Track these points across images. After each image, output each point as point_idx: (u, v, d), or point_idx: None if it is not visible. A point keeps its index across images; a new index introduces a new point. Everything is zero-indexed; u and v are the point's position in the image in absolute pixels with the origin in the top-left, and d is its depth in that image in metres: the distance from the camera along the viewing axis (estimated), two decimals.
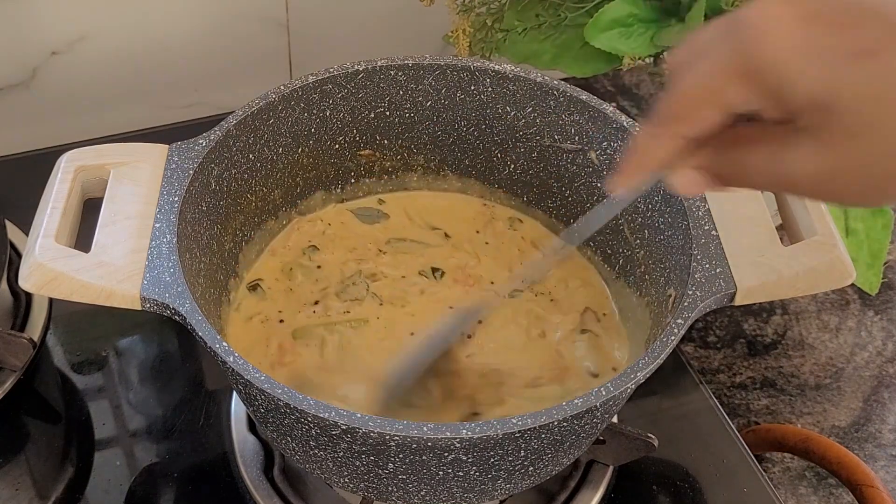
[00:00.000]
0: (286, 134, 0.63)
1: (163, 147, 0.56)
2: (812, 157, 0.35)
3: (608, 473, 0.64)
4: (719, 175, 0.39)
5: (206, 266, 0.57)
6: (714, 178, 0.40)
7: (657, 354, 0.48)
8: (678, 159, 0.39)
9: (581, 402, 0.46)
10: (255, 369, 0.46)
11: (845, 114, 0.33)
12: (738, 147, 0.38)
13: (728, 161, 0.39)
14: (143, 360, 0.71)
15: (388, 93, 0.64)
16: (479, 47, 0.78)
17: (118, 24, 0.85)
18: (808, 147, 0.35)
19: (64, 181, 0.53)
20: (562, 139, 0.64)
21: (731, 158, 0.38)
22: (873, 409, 0.77)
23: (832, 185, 0.35)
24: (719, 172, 0.39)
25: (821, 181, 0.35)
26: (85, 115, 0.89)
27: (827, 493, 0.72)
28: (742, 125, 0.38)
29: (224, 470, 0.64)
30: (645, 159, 0.40)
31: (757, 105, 0.35)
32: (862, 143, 0.34)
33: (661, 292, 0.57)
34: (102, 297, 0.49)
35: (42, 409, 0.68)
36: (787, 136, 0.36)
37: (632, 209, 0.61)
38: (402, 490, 0.52)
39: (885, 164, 0.34)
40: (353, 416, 0.44)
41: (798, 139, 0.35)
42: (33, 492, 0.63)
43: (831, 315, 0.84)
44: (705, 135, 0.38)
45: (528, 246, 0.68)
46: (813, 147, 0.35)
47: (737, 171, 0.39)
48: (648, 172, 0.41)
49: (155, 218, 0.53)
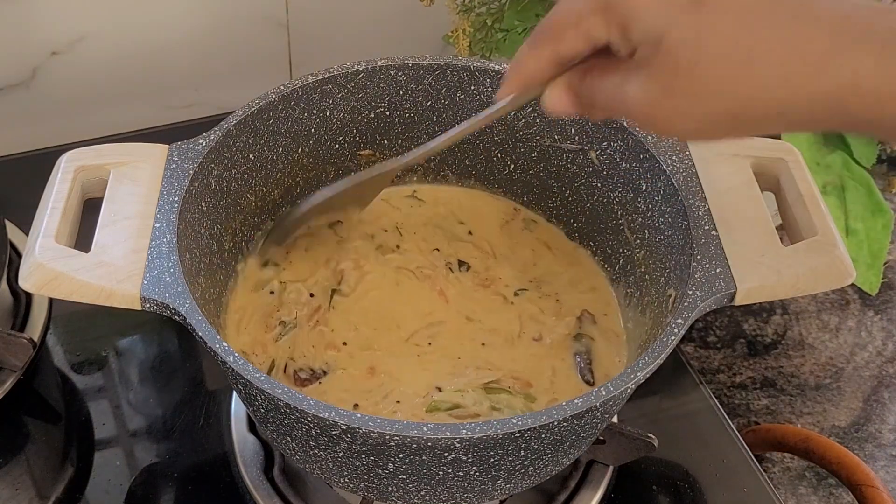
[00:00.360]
0: (286, 134, 0.63)
1: (163, 147, 0.56)
2: (642, 86, 0.41)
3: (608, 473, 0.64)
4: (579, 98, 0.45)
5: (206, 266, 0.57)
6: (577, 101, 0.45)
7: (657, 354, 0.48)
8: (549, 77, 0.45)
9: (581, 402, 0.46)
10: (255, 369, 0.46)
11: (671, 51, 0.39)
12: (595, 74, 0.44)
13: (586, 86, 0.44)
14: (143, 360, 0.71)
15: (388, 93, 0.64)
16: (479, 47, 0.78)
17: (118, 24, 0.85)
18: (641, 78, 0.41)
19: (64, 181, 0.53)
20: (562, 139, 0.64)
21: (589, 84, 0.44)
22: (873, 409, 0.77)
23: (655, 115, 0.41)
24: (579, 95, 0.45)
25: (647, 109, 0.41)
26: (85, 115, 0.89)
27: (827, 493, 0.72)
28: (601, 58, 0.43)
29: (224, 470, 0.64)
30: (523, 71, 0.46)
31: (608, 36, 0.42)
32: (681, 80, 0.39)
33: (661, 292, 0.57)
34: (102, 297, 0.49)
35: (42, 409, 0.68)
36: (630, 68, 0.41)
37: (632, 209, 0.61)
38: (401, 490, 0.52)
39: (699, 104, 0.39)
40: (352, 416, 0.44)
41: (637, 70, 0.41)
42: (33, 492, 0.63)
43: (831, 315, 0.84)
44: (571, 58, 0.44)
45: (542, 247, 0.68)
46: (644, 78, 0.40)
47: (591, 96, 0.44)
48: (525, 84, 0.46)
49: (155, 218, 0.53)
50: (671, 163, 0.57)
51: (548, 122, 0.64)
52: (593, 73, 0.44)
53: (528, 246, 0.68)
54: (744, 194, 0.55)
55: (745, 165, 0.57)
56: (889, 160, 0.78)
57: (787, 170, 0.56)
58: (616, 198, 0.62)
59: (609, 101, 0.43)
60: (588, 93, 0.44)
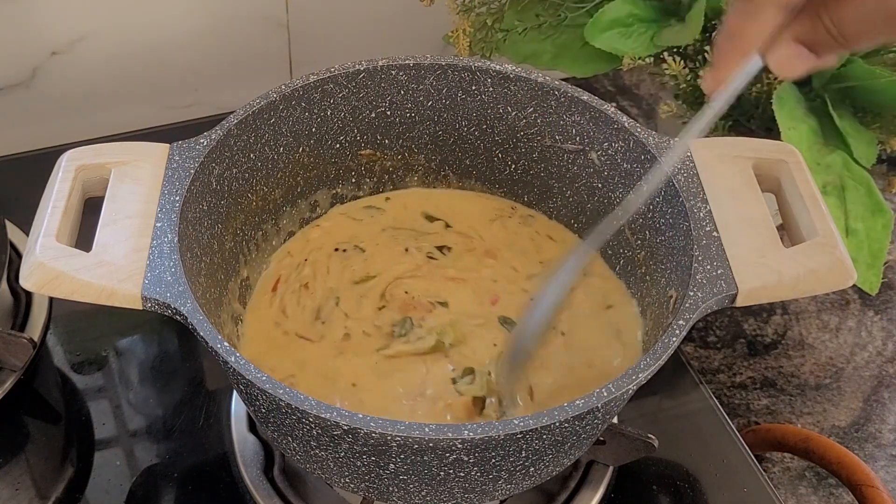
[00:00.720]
0: (287, 133, 0.63)
1: (164, 146, 0.56)
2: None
3: (608, 473, 0.64)
4: (819, 42, 0.38)
5: (207, 266, 0.57)
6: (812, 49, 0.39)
7: (658, 355, 0.48)
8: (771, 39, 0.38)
9: (582, 403, 0.46)
10: (256, 369, 0.46)
11: None
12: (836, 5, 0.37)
13: (828, 23, 0.38)
14: (143, 360, 0.71)
15: (388, 92, 0.64)
16: (480, 47, 0.78)
17: (118, 24, 0.85)
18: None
19: (65, 180, 0.53)
20: (563, 139, 0.64)
21: (832, 18, 0.37)
22: (873, 409, 0.77)
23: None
24: (819, 39, 0.38)
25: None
26: (85, 115, 0.89)
27: (827, 493, 0.72)
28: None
29: (224, 470, 0.64)
30: (743, 42, 0.39)
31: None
32: None
33: (662, 293, 0.57)
34: (103, 296, 0.49)
35: (42, 409, 0.68)
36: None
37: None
38: (402, 490, 0.52)
39: None
40: (354, 417, 0.44)
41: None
42: (33, 492, 0.63)
43: (831, 315, 0.84)
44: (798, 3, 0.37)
45: (544, 239, 0.68)
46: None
47: (840, 30, 0.38)
48: (748, 57, 0.39)
49: (156, 217, 0.52)
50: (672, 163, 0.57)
51: (549, 122, 0.64)
52: (830, 7, 0.38)
53: (527, 237, 0.68)
54: (745, 195, 0.55)
55: (745, 166, 0.57)
56: (889, 160, 0.78)
57: (787, 171, 0.56)
58: (617, 198, 0.62)
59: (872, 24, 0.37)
60: (834, 30, 0.38)
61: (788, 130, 0.69)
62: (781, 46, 0.39)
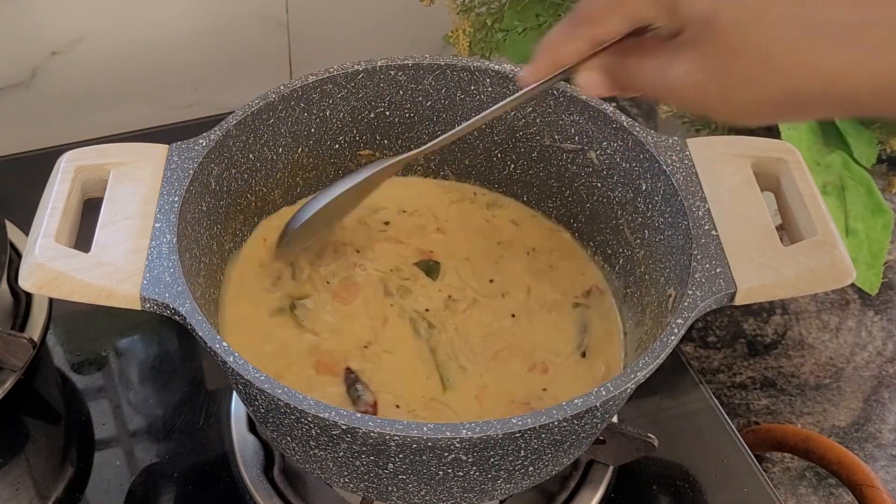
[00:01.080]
0: (286, 134, 0.63)
1: (163, 147, 0.56)
2: (692, 67, 0.39)
3: (608, 473, 0.64)
4: (616, 79, 0.44)
5: (206, 266, 0.57)
6: (612, 81, 0.44)
7: (657, 354, 0.48)
8: (582, 59, 0.44)
9: (581, 402, 0.46)
10: (255, 369, 0.46)
11: (723, 32, 0.37)
12: (636, 55, 0.42)
13: (625, 67, 0.43)
14: (143, 360, 0.71)
15: (388, 93, 0.64)
16: (479, 47, 0.78)
17: (118, 24, 0.85)
18: (690, 59, 0.39)
19: (64, 181, 0.53)
20: (562, 139, 0.64)
21: (629, 65, 0.43)
22: (873, 409, 0.77)
23: (706, 97, 0.39)
24: (617, 77, 0.44)
25: (696, 93, 0.39)
26: (85, 115, 0.89)
27: (827, 493, 0.72)
28: (641, 38, 0.43)
29: (224, 470, 0.64)
30: (556, 56, 0.45)
31: (655, 15, 0.40)
32: (734, 62, 0.37)
33: (661, 292, 0.57)
34: (102, 296, 0.49)
35: (42, 409, 0.68)
36: (676, 49, 0.40)
37: (632, 209, 0.61)
38: (402, 490, 0.52)
39: (753, 84, 0.37)
40: (353, 416, 0.44)
41: (684, 52, 0.39)
42: (33, 492, 0.63)
43: (831, 315, 0.84)
44: (609, 39, 0.43)
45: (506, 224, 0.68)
46: (694, 59, 0.39)
47: (631, 77, 0.43)
48: (557, 69, 0.45)
49: (155, 218, 0.52)
50: (671, 163, 0.57)
51: (548, 122, 0.64)
52: (632, 55, 0.43)
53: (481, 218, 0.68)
54: (744, 194, 0.55)
55: (745, 165, 0.57)
56: (889, 160, 0.78)
57: (787, 170, 0.56)
58: (616, 198, 0.62)
59: (651, 84, 0.42)
60: (627, 75, 0.43)
61: (788, 130, 0.69)
62: (588, 71, 0.45)
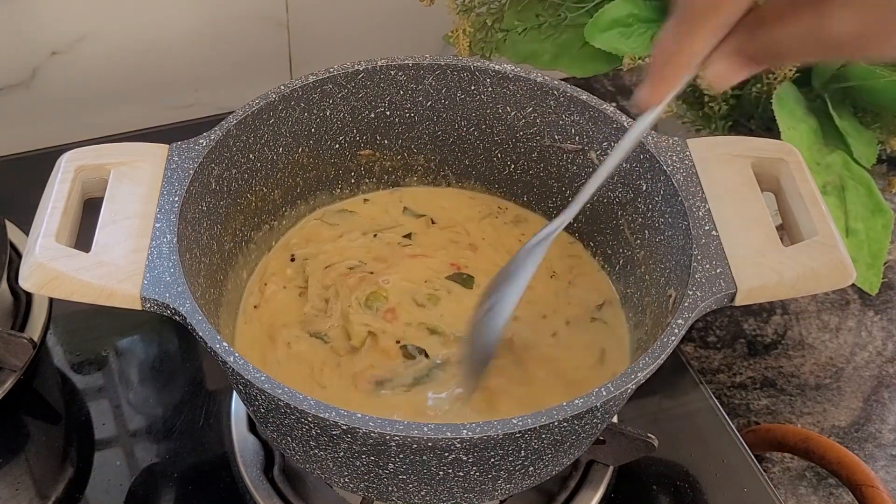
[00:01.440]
0: (286, 134, 0.63)
1: (163, 147, 0.56)
2: (854, 15, 0.36)
3: (608, 473, 0.64)
4: (754, 55, 0.40)
5: (206, 266, 0.57)
6: (745, 60, 0.40)
7: (657, 354, 0.48)
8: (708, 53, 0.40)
9: (581, 403, 0.46)
10: (256, 369, 0.46)
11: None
12: (772, 24, 0.39)
13: (766, 38, 0.39)
14: (143, 360, 0.71)
15: (388, 93, 0.64)
16: (479, 47, 0.78)
17: (118, 24, 0.85)
18: (846, 12, 0.37)
19: (64, 181, 0.53)
20: (562, 139, 0.64)
21: (773, 35, 0.39)
22: (873, 409, 0.77)
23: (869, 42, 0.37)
24: (754, 52, 0.40)
25: (860, 39, 0.37)
26: (85, 115, 0.89)
27: (827, 493, 0.72)
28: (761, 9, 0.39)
29: (224, 470, 0.64)
30: (678, 61, 0.40)
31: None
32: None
33: (662, 293, 0.57)
34: (103, 296, 0.49)
35: (42, 409, 0.68)
36: (819, 7, 0.37)
37: (632, 209, 0.61)
38: (402, 490, 0.52)
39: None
40: (353, 417, 0.44)
41: (832, 8, 0.37)
42: (33, 492, 0.63)
43: (831, 315, 0.84)
44: (734, 21, 0.39)
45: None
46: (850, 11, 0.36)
47: (776, 45, 0.39)
48: (681, 78, 0.40)
49: (155, 218, 0.52)
50: (671, 163, 0.57)
51: (548, 122, 0.64)
52: (766, 25, 0.39)
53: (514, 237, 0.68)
54: (744, 195, 0.55)
55: (745, 166, 0.57)
56: (889, 160, 0.78)
57: (787, 170, 0.56)
58: (616, 198, 0.62)
59: (803, 46, 0.39)
60: (768, 46, 0.40)
61: (788, 130, 0.69)
62: (717, 61, 0.41)
